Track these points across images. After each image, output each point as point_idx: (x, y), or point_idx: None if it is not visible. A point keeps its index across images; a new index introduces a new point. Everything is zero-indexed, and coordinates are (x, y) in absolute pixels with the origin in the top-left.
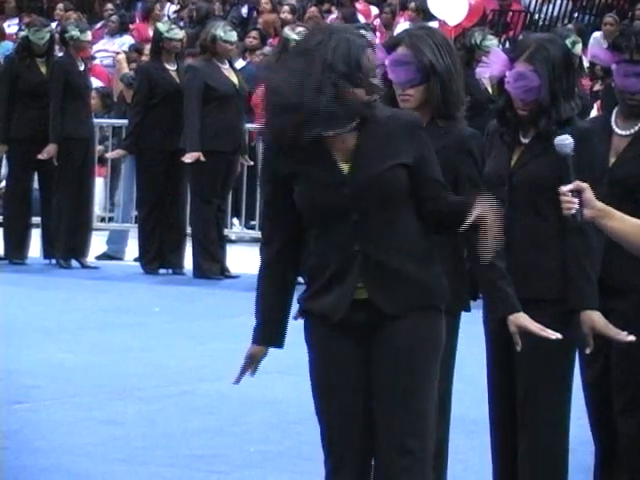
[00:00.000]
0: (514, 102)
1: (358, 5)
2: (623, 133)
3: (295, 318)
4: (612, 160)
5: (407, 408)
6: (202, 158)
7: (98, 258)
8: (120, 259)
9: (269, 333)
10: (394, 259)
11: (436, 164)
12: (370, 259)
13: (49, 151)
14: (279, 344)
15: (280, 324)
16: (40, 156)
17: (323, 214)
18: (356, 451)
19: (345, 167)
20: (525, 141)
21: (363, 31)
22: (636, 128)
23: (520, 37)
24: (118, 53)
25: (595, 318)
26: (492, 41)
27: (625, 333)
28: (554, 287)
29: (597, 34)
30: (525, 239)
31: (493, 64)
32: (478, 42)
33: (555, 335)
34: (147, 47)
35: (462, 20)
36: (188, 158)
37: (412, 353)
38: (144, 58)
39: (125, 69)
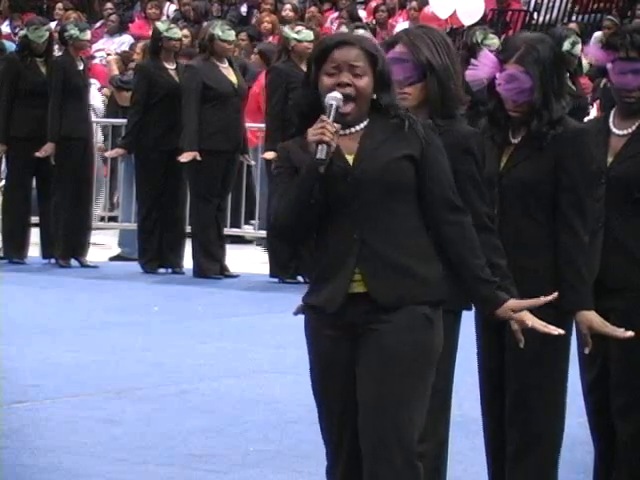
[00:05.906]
0: (505, 104)
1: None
2: (620, 133)
3: (295, 314)
4: (610, 160)
5: (390, 414)
6: (198, 157)
7: (112, 259)
8: (135, 260)
9: None
10: (393, 251)
11: (446, 166)
12: (369, 247)
13: (46, 149)
14: None
15: None
16: (38, 154)
17: (327, 205)
18: (352, 438)
19: (350, 159)
20: (515, 141)
21: (362, 30)
22: (633, 127)
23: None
24: (109, 54)
25: (592, 317)
26: (493, 40)
27: (622, 330)
28: (545, 289)
29: (598, 34)
30: (516, 241)
31: (483, 66)
32: (479, 41)
33: (558, 331)
34: (139, 45)
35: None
36: (184, 157)
37: (400, 358)
38: (135, 56)
39: (115, 71)
